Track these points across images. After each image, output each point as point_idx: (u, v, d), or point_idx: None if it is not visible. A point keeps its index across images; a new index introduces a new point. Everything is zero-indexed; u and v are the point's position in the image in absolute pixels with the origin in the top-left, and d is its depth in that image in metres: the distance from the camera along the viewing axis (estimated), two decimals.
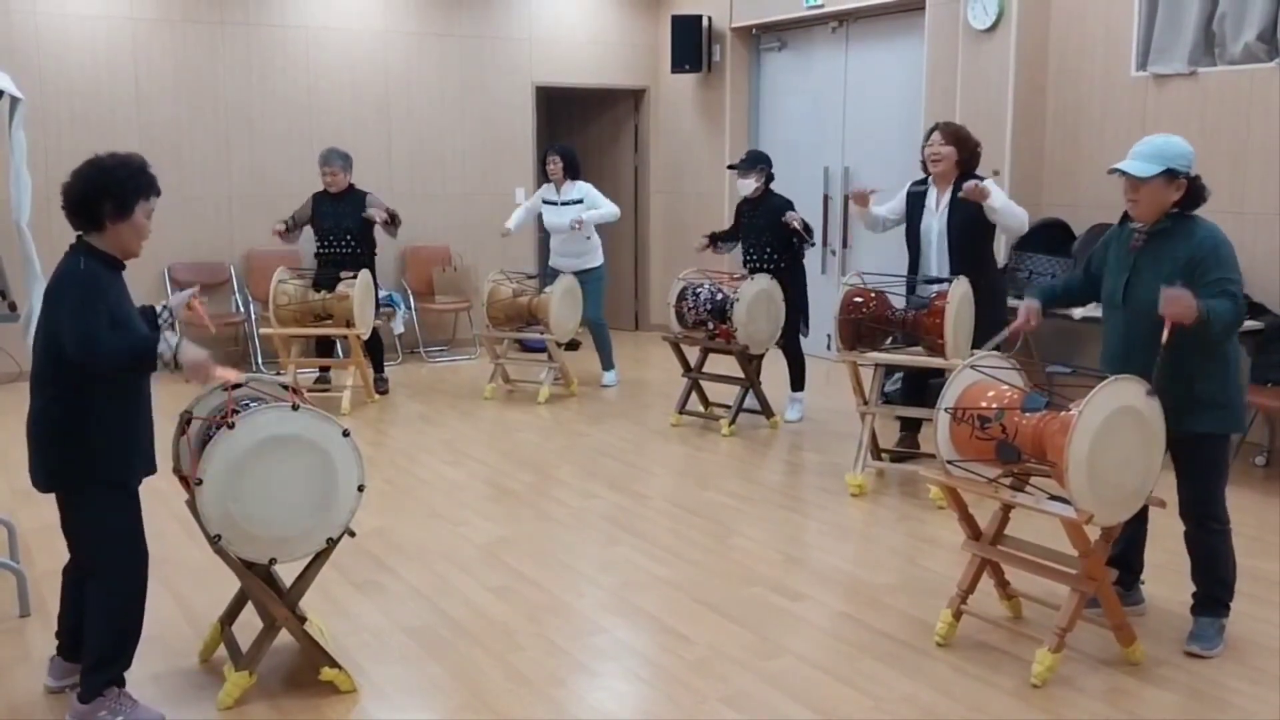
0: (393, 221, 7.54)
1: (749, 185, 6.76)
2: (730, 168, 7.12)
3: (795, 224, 6.54)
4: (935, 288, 5.38)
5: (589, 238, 7.94)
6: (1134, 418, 3.38)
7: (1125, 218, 3.74)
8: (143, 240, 3.21)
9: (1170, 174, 3.53)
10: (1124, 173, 3.58)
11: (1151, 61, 6.54)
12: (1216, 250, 3.52)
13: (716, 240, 7.08)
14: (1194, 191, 3.58)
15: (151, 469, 3.32)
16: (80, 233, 3.17)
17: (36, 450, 3.18)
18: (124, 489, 3.21)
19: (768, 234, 6.70)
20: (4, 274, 4.93)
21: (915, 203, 5.67)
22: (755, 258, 6.76)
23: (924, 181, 5.67)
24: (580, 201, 7.84)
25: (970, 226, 5.44)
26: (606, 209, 7.90)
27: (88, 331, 3.01)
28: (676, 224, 10.45)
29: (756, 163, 6.80)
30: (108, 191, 3.10)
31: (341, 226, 7.49)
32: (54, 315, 3.07)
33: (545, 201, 8.03)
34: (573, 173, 7.93)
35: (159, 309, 3.46)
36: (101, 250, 3.15)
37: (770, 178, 6.81)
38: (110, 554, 3.20)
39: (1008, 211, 5.37)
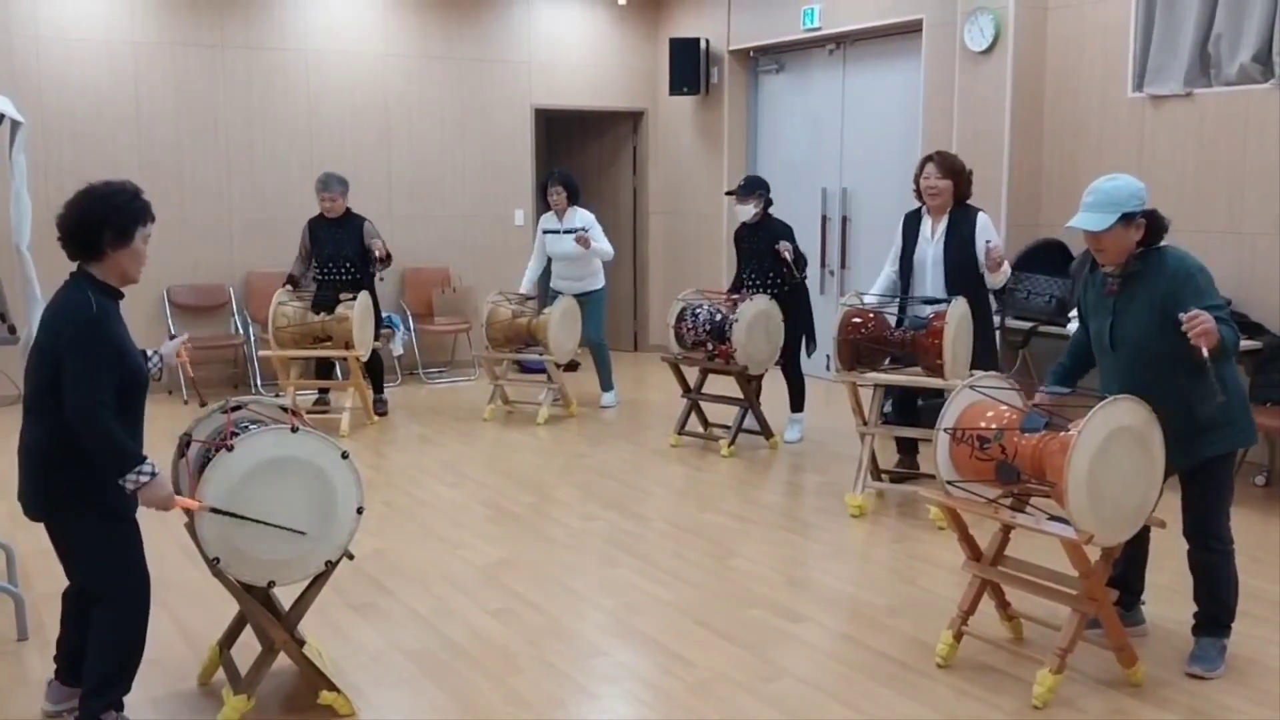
0: (385, 261, 7.50)
1: (748, 211, 6.79)
2: (729, 193, 7.12)
3: (786, 254, 6.54)
4: (932, 308, 5.39)
5: (591, 260, 7.95)
6: (1133, 437, 3.38)
7: (1096, 263, 3.73)
8: (141, 266, 3.20)
9: (1127, 218, 3.53)
10: (1085, 229, 3.57)
11: (1148, 82, 6.57)
12: (1192, 281, 3.52)
13: (734, 292, 7.00)
14: (1154, 226, 3.58)
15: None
16: (78, 262, 3.15)
17: (31, 478, 3.16)
18: (121, 516, 3.19)
19: (768, 259, 6.71)
20: (4, 297, 4.94)
21: (910, 230, 5.70)
22: (756, 282, 6.77)
23: (918, 210, 5.69)
24: (583, 230, 7.84)
25: (965, 257, 5.47)
26: (607, 246, 7.90)
27: (91, 404, 2.98)
28: (675, 245, 10.48)
29: (755, 188, 6.82)
30: (107, 219, 3.09)
31: (341, 254, 7.48)
32: (54, 349, 3.03)
33: (547, 231, 8.03)
34: (574, 199, 7.95)
35: (150, 354, 3.43)
36: (101, 280, 3.13)
37: (769, 203, 6.83)
38: (112, 580, 3.19)
39: (1002, 280, 5.53)
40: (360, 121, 9.24)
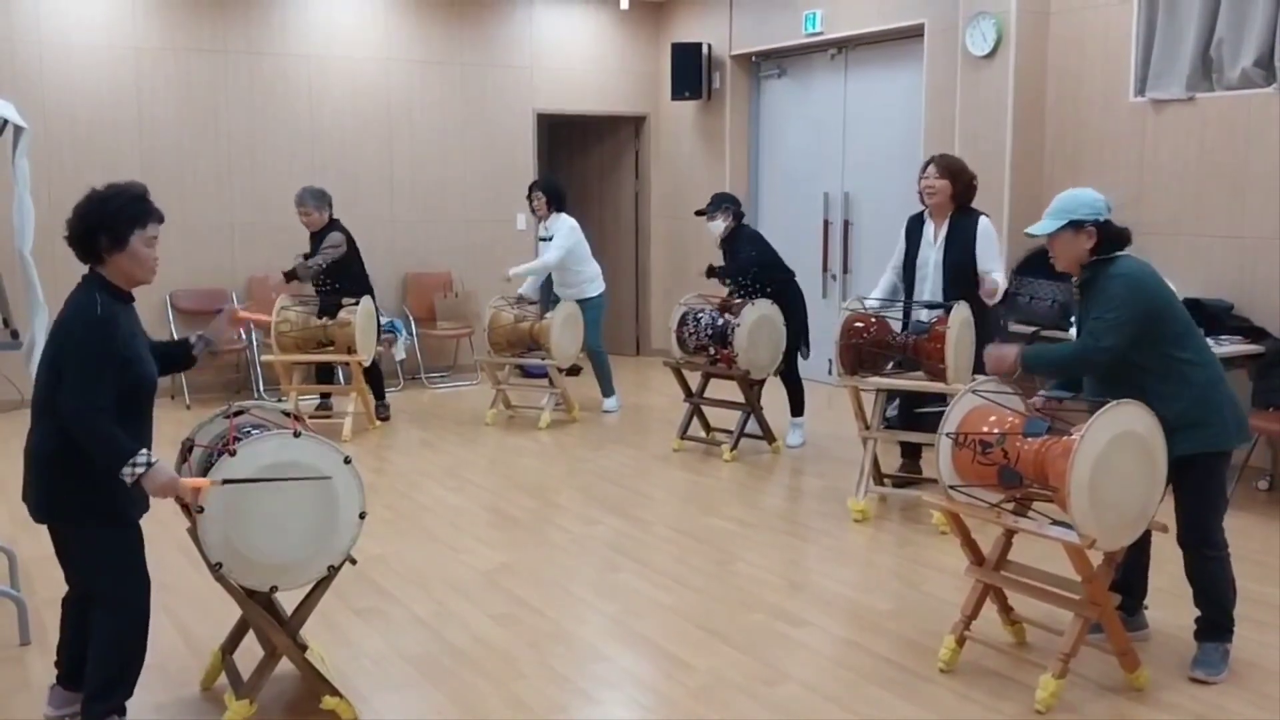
0: (290, 275, 7.39)
1: (718, 227, 6.87)
2: (697, 214, 7.12)
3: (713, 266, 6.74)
4: (934, 312, 5.39)
5: (580, 267, 7.93)
6: (1136, 442, 3.38)
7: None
8: (148, 268, 3.19)
9: (1075, 225, 3.61)
10: (1033, 234, 3.74)
11: (1150, 87, 6.57)
12: (1108, 286, 3.60)
13: (716, 272, 7.04)
14: (1108, 237, 3.65)
15: (148, 504, 3.28)
16: (90, 265, 3.17)
17: (36, 481, 3.17)
18: (124, 521, 3.20)
19: (747, 269, 6.76)
20: (6, 302, 4.95)
21: (913, 233, 5.69)
22: (744, 292, 6.78)
23: (921, 213, 5.69)
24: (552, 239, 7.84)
25: (965, 261, 5.47)
26: (538, 261, 7.83)
27: (86, 406, 3.00)
28: (677, 250, 10.48)
29: (720, 204, 6.92)
30: (101, 224, 3.10)
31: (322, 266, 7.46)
32: (60, 352, 3.05)
33: (541, 238, 8.04)
34: (557, 204, 7.91)
35: (193, 339, 3.46)
36: (111, 283, 3.15)
37: (739, 215, 6.89)
38: (113, 584, 3.19)
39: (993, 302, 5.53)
40: (362, 126, 9.25)
